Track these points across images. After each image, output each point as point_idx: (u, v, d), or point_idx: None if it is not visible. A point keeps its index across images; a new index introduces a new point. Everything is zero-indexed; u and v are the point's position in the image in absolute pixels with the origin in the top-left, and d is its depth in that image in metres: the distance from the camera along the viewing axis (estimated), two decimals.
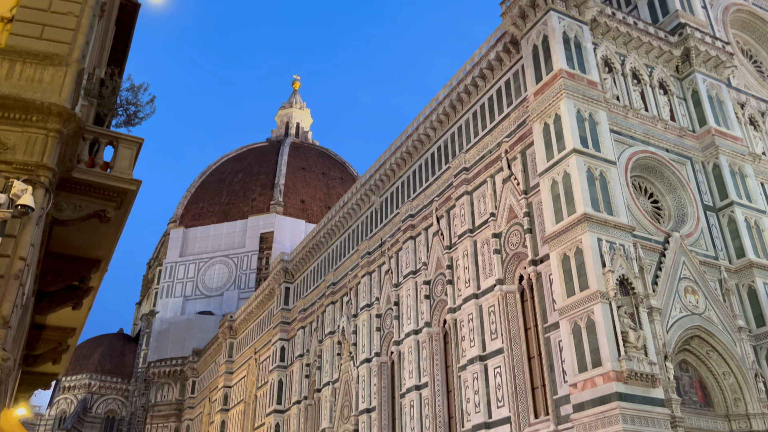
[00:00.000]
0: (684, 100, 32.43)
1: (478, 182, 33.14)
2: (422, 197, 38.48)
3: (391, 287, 39.63)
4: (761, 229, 29.16)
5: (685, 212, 28.91)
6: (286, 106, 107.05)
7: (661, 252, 26.28)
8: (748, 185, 30.26)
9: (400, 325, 37.70)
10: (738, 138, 31.63)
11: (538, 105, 28.33)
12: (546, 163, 27.00)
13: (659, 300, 24.48)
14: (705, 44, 32.68)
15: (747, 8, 40.37)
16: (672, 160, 29.77)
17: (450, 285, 33.34)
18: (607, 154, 26.54)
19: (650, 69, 32.11)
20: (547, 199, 26.32)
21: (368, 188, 45.29)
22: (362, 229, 46.44)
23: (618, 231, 24.65)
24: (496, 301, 29.29)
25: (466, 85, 35.32)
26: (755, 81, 37.28)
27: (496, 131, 32.61)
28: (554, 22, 28.84)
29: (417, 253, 37.79)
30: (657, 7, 35.53)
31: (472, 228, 32.56)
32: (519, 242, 29.23)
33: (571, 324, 23.49)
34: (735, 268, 27.86)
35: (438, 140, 38.39)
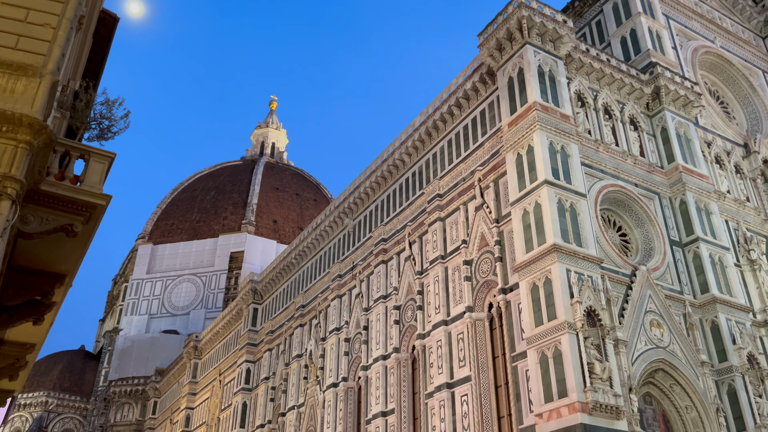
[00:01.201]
0: (653, 136, 33.23)
1: (451, 209, 33.38)
2: (395, 222, 38.58)
3: (361, 311, 39.43)
4: (725, 266, 29.81)
5: (652, 246, 29.45)
6: (262, 126, 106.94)
7: (628, 285, 26.66)
8: (713, 222, 30.98)
9: (368, 350, 37.45)
10: (704, 176, 32.45)
11: (512, 136, 28.77)
12: (518, 193, 27.34)
13: (625, 332, 24.76)
14: (674, 83, 33.64)
15: (715, 51, 41.77)
16: (641, 194, 30.37)
17: (420, 311, 33.31)
18: (577, 186, 26.98)
19: (621, 105, 32.90)
20: (518, 228, 26.60)
21: (342, 211, 45.26)
22: (334, 251, 46.28)
23: (586, 263, 24.97)
24: (466, 328, 29.33)
25: (442, 113, 35.75)
26: (721, 121, 38.42)
27: (471, 159, 32.98)
28: (530, 55, 29.45)
29: (388, 278, 37.74)
30: (629, 45, 36.55)
31: (444, 254, 32.69)
32: (489, 270, 29.41)
33: (538, 353, 23.60)
34: (699, 303, 28.37)
35: (413, 166, 38.66)
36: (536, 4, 30.48)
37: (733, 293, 29.03)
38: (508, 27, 30.13)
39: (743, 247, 32.63)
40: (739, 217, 33.99)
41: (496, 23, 30.99)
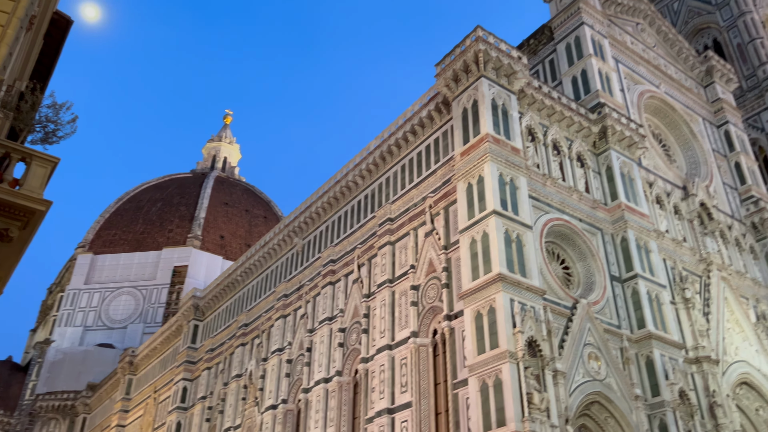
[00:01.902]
0: (599, 174, 34.33)
1: (402, 233, 33.57)
2: (345, 243, 38.50)
3: (305, 332, 38.99)
4: (661, 303, 30.82)
5: (594, 280, 30.24)
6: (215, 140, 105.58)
7: (569, 317, 27.23)
8: (651, 260, 32.07)
9: (310, 372, 36.98)
10: (645, 215, 33.65)
11: (464, 165, 29.26)
12: (467, 222, 27.73)
13: (564, 364, 25.22)
14: (621, 124, 34.94)
15: (659, 96, 43.68)
16: (584, 229, 31.25)
17: (365, 334, 33.18)
18: (524, 218, 27.56)
19: (570, 142, 33.93)
20: (466, 256, 26.93)
21: (291, 229, 44.90)
22: (281, 270, 45.77)
23: (530, 293, 25.43)
24: (409, 353, 29.34)
25: (397, 139, 36.11)
26: (663, 163, 40.06)
27: (423, 186, 33.34)
28: (485, 88, 30.15)
29: (335, 300, 37.51)
30: (580, 85, 37.85)
31: (392, 278, 32.76)
32: (436, 296, 29.60)
33: (479, 382, 23.78)
34: (636, 338, 29.18)
35: (366, 189, 38.79)
36: (493, 39, 31.31)
37: (668, 330, 30.01)
38: (465, 59, 30.82)
39: (679, 285, 33.85)
40: (676, 256, 35.30)
41: (454, 55, 31.66)
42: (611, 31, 42.88)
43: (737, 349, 34.27)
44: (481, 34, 30.73)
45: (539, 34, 41.90)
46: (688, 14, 71.72)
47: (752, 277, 39.47)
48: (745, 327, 35.63)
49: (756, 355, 35.03)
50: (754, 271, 40.39)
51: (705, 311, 34.09)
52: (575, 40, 39.30)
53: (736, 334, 35.01)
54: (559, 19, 40.80)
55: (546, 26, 41.58)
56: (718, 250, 38.40)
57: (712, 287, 35.35)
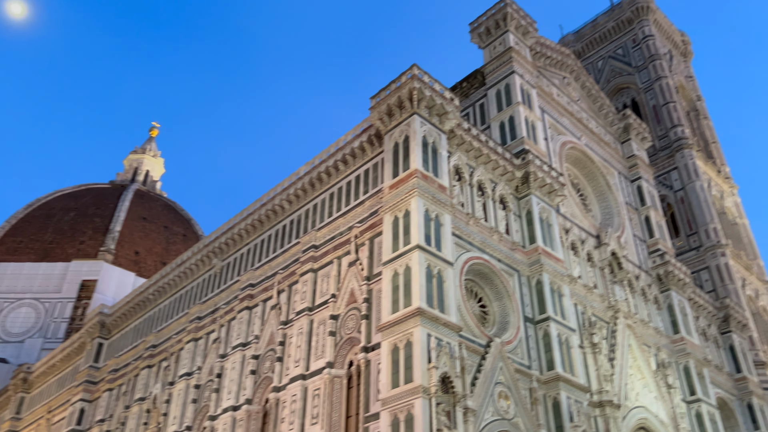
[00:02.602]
0: (519, 217, 35.50)
1: (325, 261, 33.36)
2: (266, 268, 37.85)
3: (217, 357, 37.77)
4: (570, 346, 31.88)
5: (508, 320, 30.98)
6: (139, 152, 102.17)
7: (483, 355, 27.69)
8: (563, 304, 33.24)
9: (219, 399, 35.76)
10: (560, 260, 34.95)
11: (392, 198, 29.57)
12: (391, 254, 27.91)
13: (475, 401, 25.53)
14: (543, 172, 36.39)
15: (579, 147, 45.91)
16: (502, 269, 32.09)
17: (279, 362, 32.50)
18: (446, 254, 28.03)
19: (494, 184, 34.99)
20: (387, 288, 27.02)
21: (211, 250, 43.76)
22: (197, 291, 44.38)
23: (447, 329, 25.71)
24: (323, 384, 28.93)
25: (327, 166, 36.14)
26: (579, 212, 41.93)
27: (350, 215, 33.40)
28: (417, 125, 30.76)
29: (251, 325, 36.64)
30: (507, 130, 39.27)
31: (312, 306, 32.40)
32: (354, 327, 29.46)
33: (391, 416, 23.69)
34: (544, 379, 29.96)
35: (292, 214, 38.44)
36: (428, 79, 32.11)
37: (575, 373, 31.02)
38: (399, 95, 31.41)
39: (587, 330, 35.16)
40: (586, 302, 36.75)
41: (389, 90, 32.21)
42: (539, 82, 44.90)
43: (638, 395, 35.80)
44: (416, 73, 31.47)
45: (472, 78, 43.34)
46: (610, 73, 76.23)
47: (655, 327, 41.56)
48: (646, 374, 37.33)
49: (654, 402, 36.70)
50: (657, 320, 42.56)
51: (610, 357, 35.51)
52: (505, 88, 40.88)
53: (638, 381, 36.60)
54: (492, 66, 42.40)
55: (479, 71, 43.09)
56: (626, 299, 40.28)
57: (618, 334, 36.94)
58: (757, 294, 59.56)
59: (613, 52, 77.20)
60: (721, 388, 45.35)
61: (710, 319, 49.17)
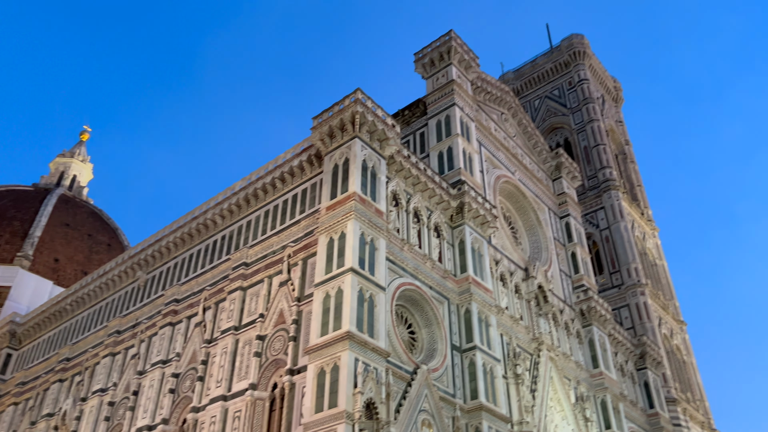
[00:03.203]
0: (452, 246, 36.02)
1: (255, 280, 32.74)
2: (193, 283, 36.80)
3: (134, 374, 36.24)
4: (494, 376, 32.34)
5: (436, 348, 31.17)
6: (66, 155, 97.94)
7: (409, 381, 27.70)
8: (490, 334, 33.77)
9: (133, 418, 34.22)
10: (489, 290, 35.60)
11: (328, 219, 29.45)
12: (324, 276, 27.68)
13: (398, 428, 25.43)
14: (477, 203, 37.16)
15: (513, 182, 47.23)
16: (433, 297, 32.37)
17: (200, 382, 31.48)
18: (379, 279, 28.06)
19: (430, 212, 35.45)
20: (318, 310, 26.74)
21: (136, 261, 42.24)
22: (118, 304, 42.63)
23: (375, 354, 25.62)
24: (245, 406, 28.17)
25: (264, 183, 35.69)
26: (510, 244, 42.96)
27: (284, 234, 33.00)
28: (357, 149, 30.90)
29: (173, 342, 35.40)
30: (445, 160, 40.01)
31: (238, 326, 31.64)
32: (281, 349, 28.92)
33: None
34: (468, 408, 30.22)
35: (224, 229, 37.65)
36: (371, 104, 32.41)
37: (498, 403, 31.44)
38: (342, 118, 31.52)
39: (512, 361, 35.82)
40: (512, 332, 37.49)
41: (332, 111, 32.29)
42: (479, 116, 46.09)
43: (556, 427, 36.59)
44: (360, 97, 31.70)
45: (414, 107, 44.08)
46: (546, 112, 79.20)
47: (576, 360, 42.77)
48: (565, 406, 38.26)
49: None
50: (578, 354, 43.84)
51: (532, 388, 36.23)
52: (446, 119, 41.75)
53: (557, 413, 37.46)
54: (434, 96, 43.27)
55: (421, 101, 43.89)
56: (550, 332, 41.34)
57: (540, 366, 37.78)
58: (672, 333, 62.36)
59: (550, 92, 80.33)
60: (635, 422, 46.96)
61: (628, 356, 51.03)
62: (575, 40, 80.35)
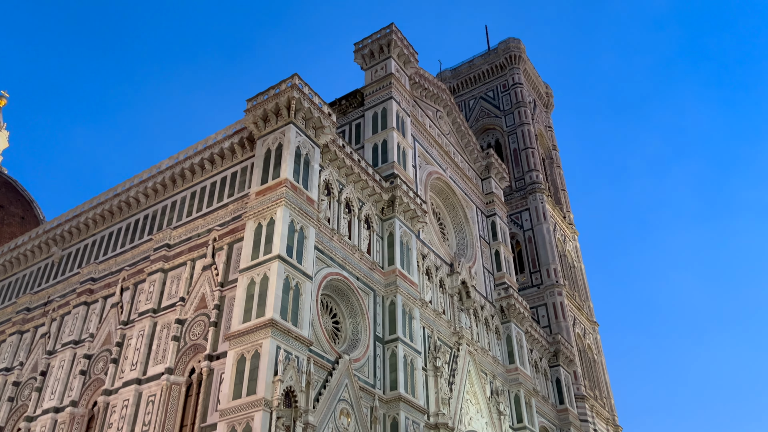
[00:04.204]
0: (381, 238, 36.28)
1: (178, 263, 31.89)
2: (112, 263, 35.46)
3: (43, 353, 34.65)
4: (414, 368, 32.89)
5: (359, 338, 31.37)
6: None
7: (330, 371, 27.78)
8: (413, 326, 34.29)
9: (39, 399, 32.74)
10: (415, 283, 36.10)
11: (258, 205, 29.01)
12: (250, 262, 27.28)
13: (317, 417, 25.48)
14: (408, 197, 37.55)
15: (444, 179, 47.98)
16: (360, 288, 32.53)
17: (114, 364, 30.44)
18: (306, 268, 27.93)
19: (361, 203, 35.54)
20: (241, 296, 26.35)
21: (52, 237, 40.30)
22: (29, 280, 40.58)
23: (297, 343, 25.53)
24: (160, 390, 27.47)
25: (193, 163, 34.75)
26: (437, 240, 43.66)
27: (211, 217, 32.27)
28: (291, 135, 30.56)
29: (87, 322, 34.05)
30: (379, 153, 40.19)
31: (157, 308, 30.75)
32: (201, 334, 28.34)
33: (228, 428, 22.98)
34: (387, 399, 30.61)
35: (148, 208, 36.43)
36: (308, 90, 32.10)
37: (416, 394, 32.00)
38: (277, 102, 31.07)
39: (432, 353, 36.51)
40: (434, 326, 38.19)
41: (267, 95, 31.77)
42: (415, 111, 46.50)
43: (471, 420, 37.62)
44: (297, 83, 31.34)
45: (351, 97, 43.98)
46: (480, 113, 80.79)
47: (493, 355, 44.05)
48: (480, 400, 39.38)
49: (485, 427, 38.75)
50: (496, 349, 45.16)
51: (450, 381, 37.07)
52: (382, 111, 41.90)
53: (472, 405, 38.50)
54: (372, 88, 43.32)
55: (359, 91, 43.84)
56: (470, 326, 42.38)
57: (459, 359, 38.69)
58: (585, 332, 65.20)
59: (485, 93, 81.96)
60: (545, 417, 48.89)
61: (542, 353, 52.99)
62: (512, 43, 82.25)
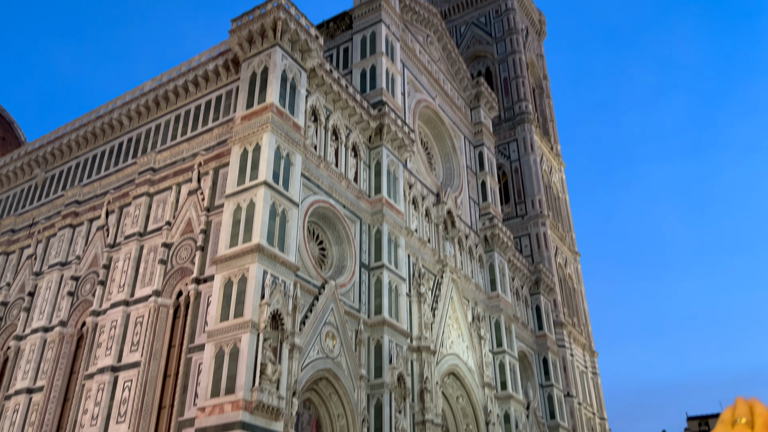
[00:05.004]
0: (368, 167, 36.18)
1: (163, 187, 31.72)
2: (96, 185, 35.20)
3: (30, 275, 34.87)
4: (399, 294, 33.59)
5: (345, 265, 31.82)
6: None
7: (316, 295, 28.31)
8: (398, 254, 34.77)
9: (28, 318, 33.20)
10: (401, 212, 36.33)
11: (243, 130, 28.64)
12: (235, 187, 27.21)
13: (303, 339, 26.16)
14: (396, 125, 37.21)
15: (433, 107, 47.44)
16: (346, 216, 32.70)
17: (101, 286, 30.75)
18: (293, 195, 27.92)
19: (348, 131, 35.20)
20: (228, 221, 26.43)
21: (34, 158, 39.75)
22: (12, 202, 40.30)
23: (284, 268, 25.85)
24: (148, 312, 27.92)
25: (176, 86, 33.99)
26: (424, 169, 43.63)
27: (195, 141, 31.88)
28: (277, 57, 29.81)
29: (73, 244, 34.13)
30: (368, 79, 39.44)
31: (143, 232, 30.82)
32: (188, 257, 28.57)
33: (216, 348, 23.56)
34: (371, 323, 31.41)
35: (131, 131, 35.87)
36: (294, 11, 31.10)
37: (400, 319, 32.83)
38: (263, 23, 30.13)
39: (416, 280, 37.20)
40: (419, 254, 38.74)
41: (253, 15, 30.76)
42: (404, 36, 45.36)
43: (452, 344, 38.83)
44: (283, 3, 30.30)
45: (339, 20, 42.70)
46: (471, 39, 78.98)
47: (476, 283, 45.00)
48: (462, 325, 40.52)
49: (465, 351, 40.05)
50: (479, 277, 46.09)
51: (433, 306, 37.98)
52: (371, 35, 40.81)
53: (454, 330, 39.64)
54: (361, 11, 42.01)
55: (347, 14, 42.51)
56: (454, 255, 43.04)
57: (443, 286, 39.52)
58: (566, 262, 66.54)
59: (477, 19, 79.85)
60: (524, 342, 50.54)
61: (524, 281, 54.19)
62: None
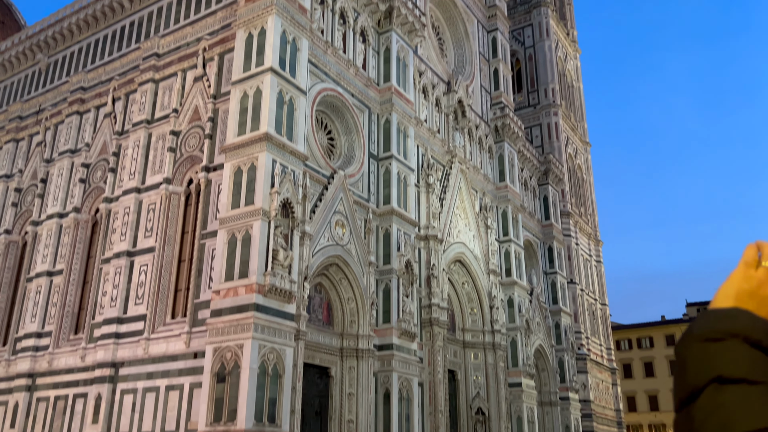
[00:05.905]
0: (377, 53, 35.14)
1: (168, 73, 31.12)
2: (101, 71, 34.57)
3: (41, 162, 35.12)
4: (407, 184, 33.75)
5: (354, 155, 31.76)
6: None
7: (325, 185, 28.50)
8: (407, 145, 34.55)
9: (43, 205, 33.84)
10: (410, 101, 35.69)
11: (247, 13, 27.59)
12: (242, 74, 26.64)
13: (313, 227, 26.65)
14: (406, 8, 35.70)
15: None
16: (354, 105, 32.19)
17: (112, 173, 31.03)
18: (300, 82, 27.36)
19: (357, 14, 33.86)
20: (235, 109, 26.13)
21: (36, 43, 38.81)
22: (17, 88, 39.83)
23: (293, 157, 25.84)
24: (159, 199, 28.34)
25: None
26: (435, 56, 42.35)
27: (199, 25, 30.87)
28: None
29: (81, 131, 34.07)
30: None
31: (150, 119, 30.62)
32: (197, 145, 28.55)
33: (228, 234, 24.09)
34: (380, 212, 31.82)
35: (134, 14, 34.69)
36: None
37: (408, 209, 33.21)
38: None
39: (425, 171, 37.24)
40: (428, 144, 38.49)
41: None
42: None
43: (459, 233, 39.49)
44: None
45: None
46: None
47: (484, 173, 45.02)
48: (469, 215, 41.00)
49: (472, 239, 40.81)
50: (488, 168, 46.04)
51: (441, 197, 38.27)
52: None
53: (461, 220, 40.18)
54: None
55: None
56: (463, 145, 42.76)
57: (451, 177, 39.60)
58: (577, 152, 66.09)
59: None
60: (530, 232, 51.32)
61: (533, 171, 54.14)
62: None
